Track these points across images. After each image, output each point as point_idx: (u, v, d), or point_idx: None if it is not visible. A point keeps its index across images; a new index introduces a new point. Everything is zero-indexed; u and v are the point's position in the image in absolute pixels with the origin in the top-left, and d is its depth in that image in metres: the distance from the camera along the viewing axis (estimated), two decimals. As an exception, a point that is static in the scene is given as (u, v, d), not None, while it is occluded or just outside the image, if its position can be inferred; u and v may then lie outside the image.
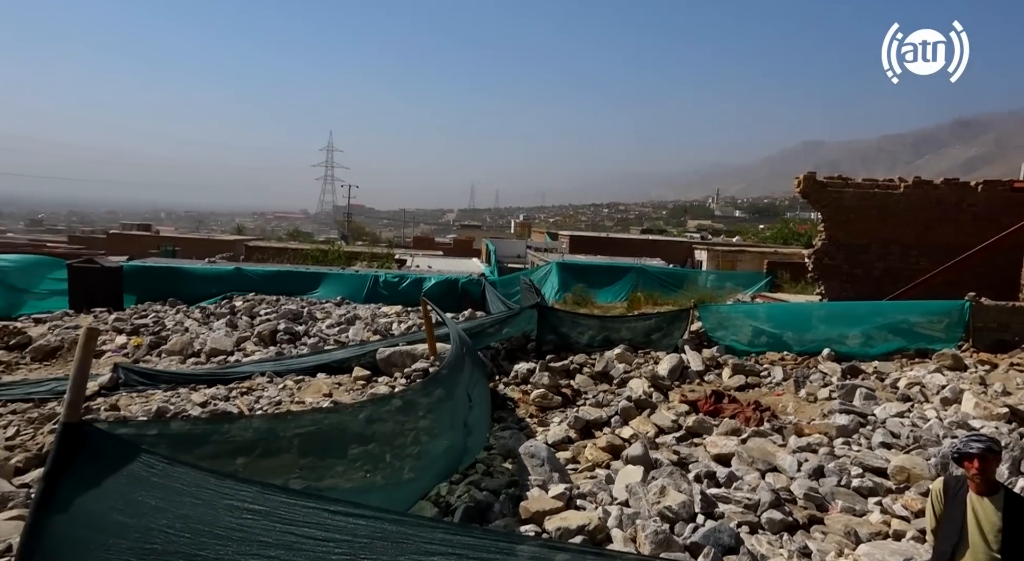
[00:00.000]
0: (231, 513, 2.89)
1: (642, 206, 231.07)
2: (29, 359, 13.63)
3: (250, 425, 5.14)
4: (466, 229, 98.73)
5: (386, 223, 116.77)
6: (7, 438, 7.95)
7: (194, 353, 14.00)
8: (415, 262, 35.23)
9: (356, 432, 5.50)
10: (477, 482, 6.14)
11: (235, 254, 37.88)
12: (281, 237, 66.30)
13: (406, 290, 21.83)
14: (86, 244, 49.74)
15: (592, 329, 12.17)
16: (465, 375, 7.04)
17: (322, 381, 10.62)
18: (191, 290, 21.06)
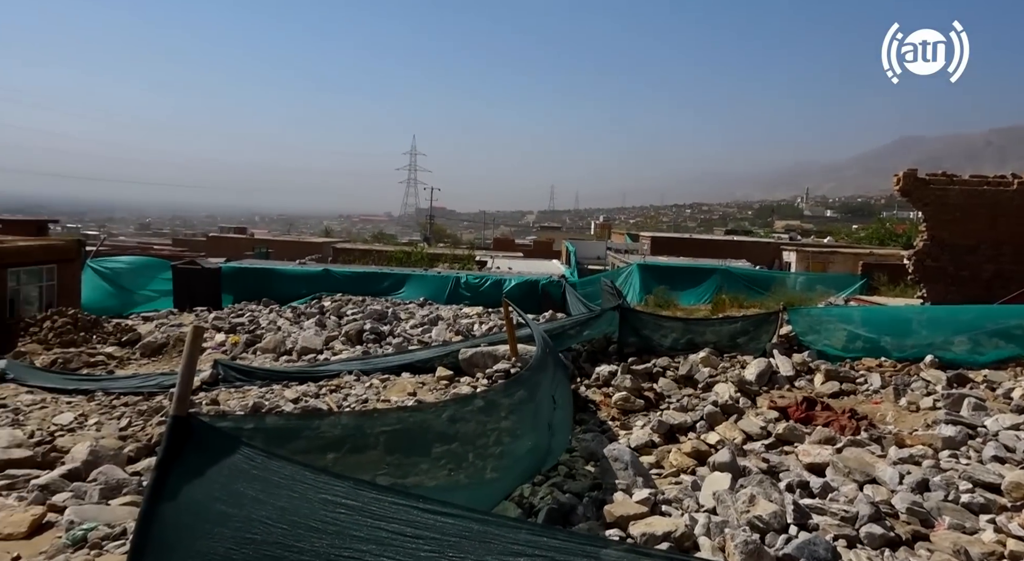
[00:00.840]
0: (325, 507, 2.97)
1: (726, 206, 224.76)
2: (139, 355, 14.56)
3: (339, 422, 5.30)
4: (546, 231, 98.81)
5: (467, 225, 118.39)
6: (120, 429, 8.51)
7: (286, 351, 14.60)
8: (495, 264, 35.57)
9: (440, 431, 5.57)
10: (560, 484, 6.11)
11: (323, 256, 39.32)
12: (366, 239, 68.29)
13: (487, 291, 22.08)
14: (188, 246, 52.77)
15: (675, 332, 11.92)
16: (549, 376, 7.02)
17: (406, 380, 10.84)
18: (283, 290, 22.02)
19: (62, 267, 20.52)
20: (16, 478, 6.55)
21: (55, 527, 5.42)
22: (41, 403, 9.74)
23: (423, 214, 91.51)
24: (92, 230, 69.44)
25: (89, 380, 11.18)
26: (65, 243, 22.39)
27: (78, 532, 5.12)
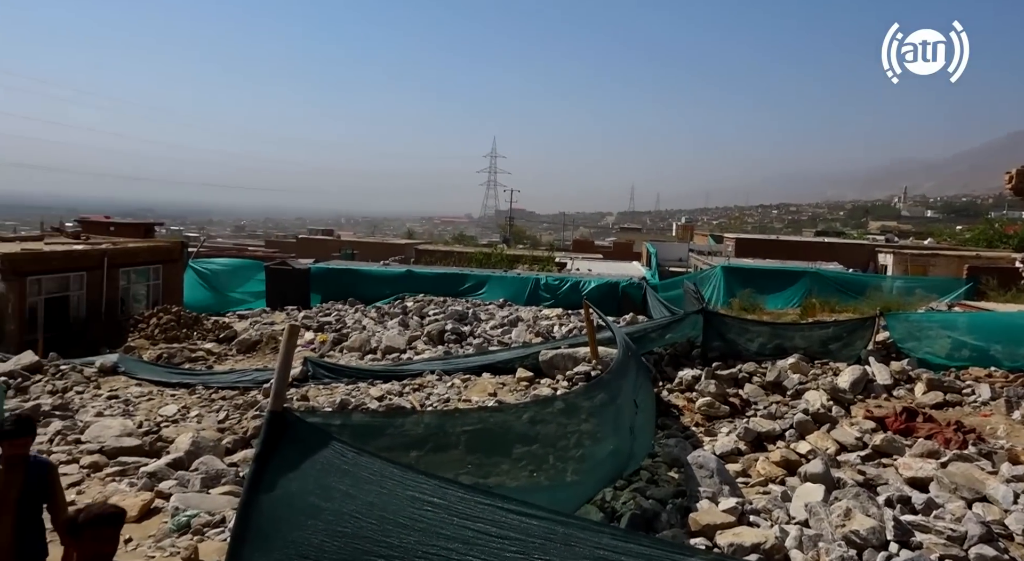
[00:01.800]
0: (413, 504, 3.03)
1: (816, 207, 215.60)
2: (235, 351, 15.31)
3: (422, 420, 5.39)
4: (625, 232, 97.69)
5: (546, 226, 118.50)
6: (219, 421, 8.97)
7: (371, 350, 15.01)
8: (575, 265, 35.39)
9: (520, 432, 5.58)
10: (642, 490, 6.02)
11: (406, 257, 40.22)
12: (447, 241, 69.37)
13: (566, 293, 22.01)
14: (279, 248, 55.09)
15: (762, 336, 11.52)
16: (631, 380, 6.93)
17: (487, 381, 10.94)
18: (368, 290, 22.65)
19: (167, 267, 21.86)
20: (127, 465, 7.02)
21: (161, 512, 5.77)
22: (148, 395, 10.39)
23: (503, 216, 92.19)
24: (193, 232, 73.62)
25: (191, 374, 11.83)
26: (170, 245, 23.85)
27: (182, 518, 5.43)
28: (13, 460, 3.85)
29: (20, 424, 3.92)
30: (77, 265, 18.40)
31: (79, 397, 10.16)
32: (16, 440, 3.83)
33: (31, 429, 3.99)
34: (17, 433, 3.84)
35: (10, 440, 3.82)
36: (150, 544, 5.17)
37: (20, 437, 3.85)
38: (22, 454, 3.88)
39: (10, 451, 3.84)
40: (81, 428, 8.31)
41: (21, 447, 3.87)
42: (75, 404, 9.69)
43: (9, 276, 15.35)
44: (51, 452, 7.52)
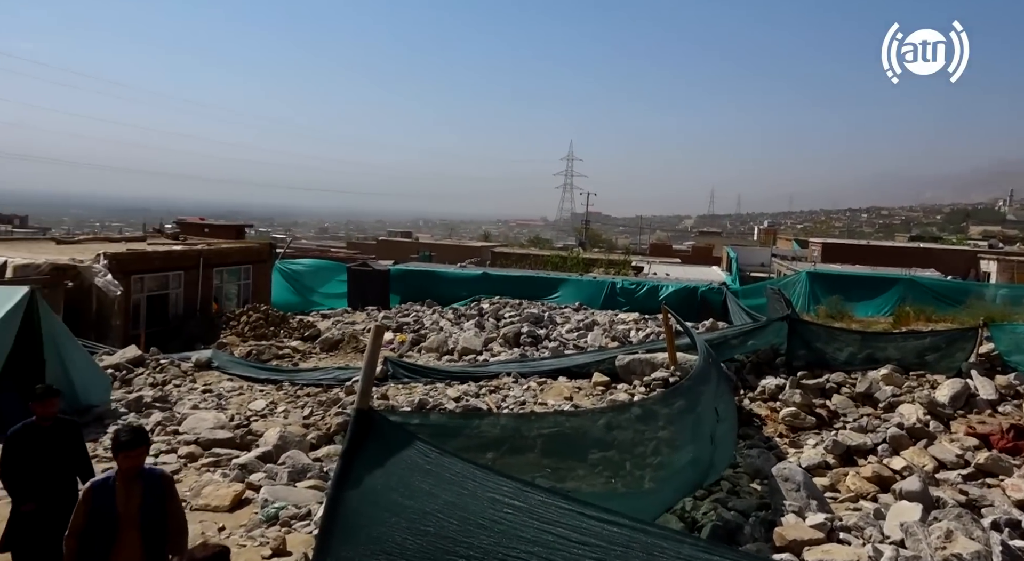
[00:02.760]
0: (493, 506, 3.04)
1: (910, 210, 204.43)
2: (319, 349, 15.83)
3: (498, 422, 5.41)
4: (704, 236, 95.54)
5: (622, 230, 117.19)
6: (304, 417, 9.30)
7: (448, 351, 15.23)
8: (652, 269, 34.87)
9: (596, 437, 5.53)
10: (724, 501, 5.86)
11: (482, 259, 40.60)
12: (523, 243, 69.66)
13: (642, 297, 21.72)
14: (360, 249, 56.68)
15: (852, 345, 11.01)
16: (711, 387, 6.76)
17: (563, 384, 10.91)
18: (445, 292, 23.01)
19: (256, 267, 22.85)
20: (220, 456, 7.38)
21: (252, 503, 6.02)
22: (239, 390, 10.88)
23: (579, 219, 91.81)
24: (280, 234, 76.69)
25: (278, 371, 12.31)
26: (259, 246, 24.93)
27: (271, 510, 5.66)
28: (130, 472, 3.83)
29: (136, 435, 3.90)
30: (176, 265, 19.47)
31: (177, 390, 10.74)
32: (132, 451, 3.81)
33: (146, 440, 4.00)
34: (134, 444, 3.82)
35: (126, 452, 3.80)
36: (242, 533, 5.42)
37: (136, 448, 3.83)
38: (139, 466, 3.88)
39: (126, 463, 3.81)
40: (179, 420, 8.78)
41: (138, 458, 3.86)
42: (173, 397, 10.26)
43: (116, 275, 16.41)
44: (152, 441, 7.98)
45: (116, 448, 3.82)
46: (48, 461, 4.49)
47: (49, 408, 4.57)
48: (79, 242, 22.71)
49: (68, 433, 4.67)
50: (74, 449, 4.63)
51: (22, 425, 4.62)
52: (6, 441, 4.57)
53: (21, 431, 4.56)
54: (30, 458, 4.46)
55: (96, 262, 16.40)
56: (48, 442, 4.52)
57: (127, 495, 3.79)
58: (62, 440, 4.59)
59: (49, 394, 4.65)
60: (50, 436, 4.54)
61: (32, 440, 4.51)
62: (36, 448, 4.50)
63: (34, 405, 4.58)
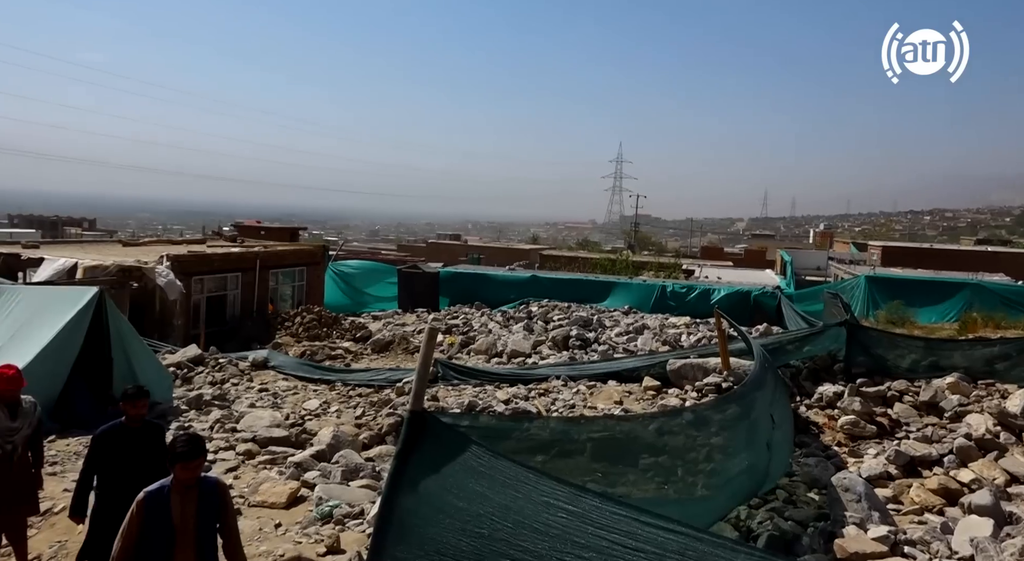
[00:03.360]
0: (548, 510, 3.04)
1: (976, 212, 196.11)
2: (370, 350, 16.08)
3: (547, 425, 5.39)
4: (757, 239, 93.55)
5: (672, 233, 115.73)
6: (356, 417, 9.45)
7: (497, 353, 15.28)
8: (703, 273, 34.34)
9: (647, 442, 5.46)
10: (780, 510, 5.71)
11: (530, 262, 40.63)
12: (571, 246, 69.47)
13: (694, 301, 21.41)
14: (410, 252, 57.42)
15: (914, 353, 10.61)
16: (767, 393, 6.61)
17: (613, 388, 10.82)
18: (493, 294, 23.10)
19: (310, 269, 23.37)
20: (276, 454, 7.55)
21: (307, 501, 6.15)
22: (294, 389, 11.12)
23: (628, 221, 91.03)
24: (332, 237, 78.25)
25: (331, 371, 12.54)
26: (313, 248, 25.48)
27: (325, 508, 5.76)
28: (188, 483, 3.66)
29: (194, 445, 3.71)
30: (234, 266, 20.06)
31: (234, 388, 11.05)
32: (190, 463, 3.63)
33: (204, 450, 3.84)
34: (192, 455, 3.65)
35: (184, 463, 3.62)
36: (297, 530, 5.53)
37: (195, 459, 3.67)
38: (196, 476, 3.71)
39: (184, 474, 3.63)
40: (236, 417, 9.02)
41: (196, 469, 3.69)
42: (231, 395, 10.55)
43: (177, 276, 17.00)
44: (211, 439, 8.23)
45: (173, 458, 3.63)
46: (133, 463, 4.41)
47: (140, 409, 4.56)
48: (144, 244, 23.62)
49: (154, 436, 4.62)
50: (159, 452, 4.44)
51: (110, 425, 4.59)
52: (94, 440, 4.53)
53: (109, 431, 4.53)
54: (116, 459, 4.43)
55: (159, 264, 17.03)
56: (135, 443, 4.48)
57: (182, 505, 3.63)
58: (148, 442, 4.53)
59: (140, 395, 4.59)
60: (137, 438, 4.51)
61: (120, 441, 4.47)
62: (123, 449, 4.45)
63: (125, 405, 4.56)
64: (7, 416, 4.70)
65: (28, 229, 56.49)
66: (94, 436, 4.54)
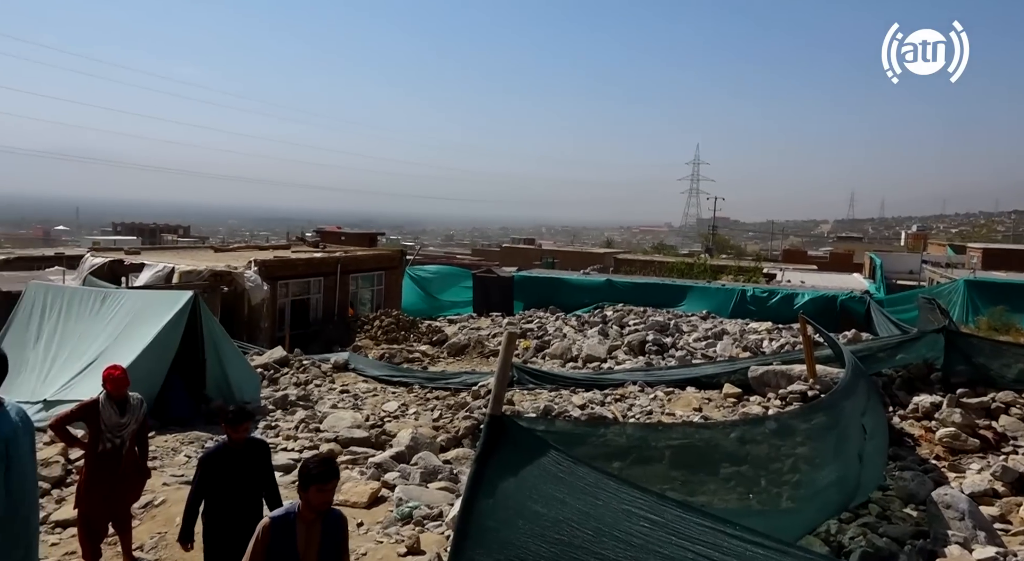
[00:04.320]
0: (629, 518, 2.98)
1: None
2: (446, 353, 16.30)
3: (624, 431, 5.30)
4: (844, 241, 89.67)
5: (752, 236, 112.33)
6: (433, 420, 9.59)
7: (572, 358, 15.20)
8: (785, 276, 33.18)
9: (728, 451, 5.30)
10: (873, 525, 5.43)
11: (605, 266, 40.28)
12: (646, 250, 68.49)
13: (776, 306, 20.69)
14: (484, 256, 57.87)
15: (1022, 362, 9.92)
16: (859, 402, 6.31)
17: (691, 395, 10.58)
18: (568, 298, 23.00)
19: (388, 274, 23.91)
20: (357, 455, 7.75)
21: (387, 501, 6.27)
22: (373, 391, 11.39)
23: (705, 224, 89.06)
24: (408, 241, 79.91)
25: (408, 374, 12.78)
26: (391, 253, 26.06)
27: (405, 509, 5.86)
28: (322, 508, 3.42)
29: (328, 466, 3.43)
30: (316, 271, 20.75)
31: (317, 389, 11.41)
32: (326, 484, 3.37)
33: (337, 471, 3.54)
34: (327, 476, 3.38)
35: (320, 484, 3.34)
36: (378, 530, 5.64)
37: (330, 481, 3.41)
38: (331, 500, 3.47)
39: (319, 498, 3.37)
40: (320, 418, 9.31)
41: (330, 492, 3.43)
42: (314, 396, 10.90)
43: (264, 280, 17.74)
44: (296, 438, 8.52)
45: (307, 481, 3.35)
46: (241, 482, 4.40)
47: (242, 433, 4.44)
48: (233, 250, 24.76)
49: (259, 453, 4.56)
50: (263, 470, 4.53)
51: (215, 447, 4.58)
52: (200, 463, 4.47)
53: (214, 454, 4.49)
54: (223, 480, 4.38)
55: (248, 268, 17.80)
56: (241, 463, 4.42)
57: (308, 534, 3.41)
58: (253, 461, 4.49)
59: (241, 418, 4.44)
60: (242, 457, 4.44)
61: (226, 462, 4.41)
62: (229, 470, 4.40)
63: (227, 429, 4.46)
64: (116, 412, 4.99)
65: (129, 236, 60.28)
66: (200, 460, 4.52)
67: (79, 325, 9.71)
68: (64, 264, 21.49)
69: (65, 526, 5.75)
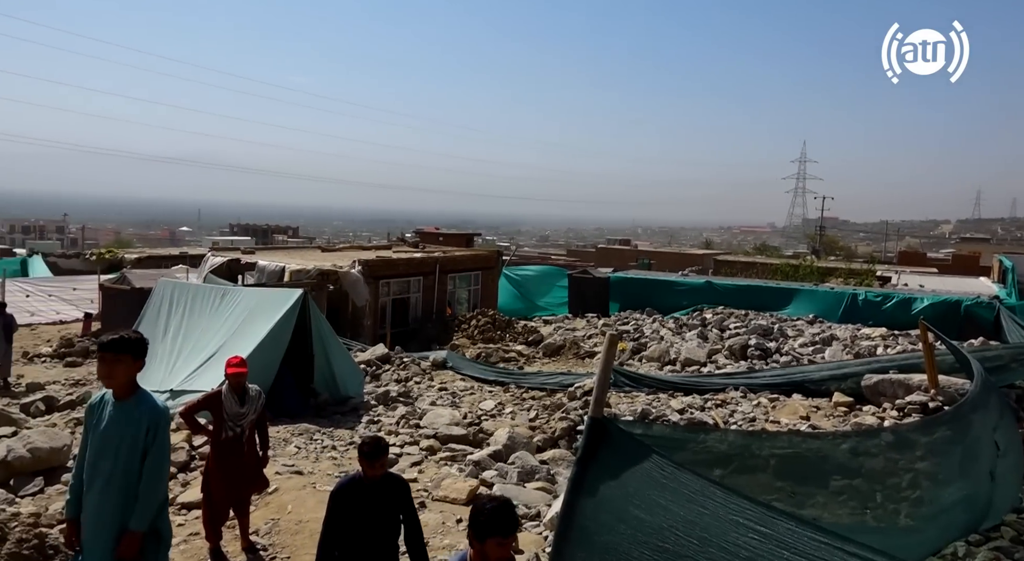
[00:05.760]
0: (737, 529, 2.88)
1: None
2: (541, 354, 16.34)
3: (725, 438, 5.12)
4: (968, 242, 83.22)
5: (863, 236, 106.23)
6: (529, 420, 9.63)
7: (670, 361, 14.88)
8: (901, 280, 31.19)
9: (839, 462, 5.02)
10: (1007, 550, 5.03)
11: (703, 267, 39.23)
12: (748, 251, 66.15)
13: (891, 311, 19.46)
14: (580, 257, 57.66)
15: None
16: (990, 416, 5.83)
17: (798, 402, 10.15)
18: (665, 300, 22.54)
19: (485, 274, 24.24)
20: (456, 452, 7.89)
21: (485, 498, 6.34)
22: (470, 390, 11.58)
23: (811, 225, 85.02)
24: (504, 242, 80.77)
25: (505, 373, 12.91)
26: (488, 253, 26.43)
27: (503, 506, 5.91)
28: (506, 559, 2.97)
29: (508, 514, 2.94)
30: (416, 271, 21.32)
31: (417, 387, 11.72)
32: (507, 538, 2.90)
33: (518, 520, 3.40)
34: (511, 527, 2.97)
35: (502, 538, 2.87)
36: (477, 526, 5.72)
37: (513, 531, 3.02)
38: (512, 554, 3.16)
39: (499, 552, 2.88)
40: (419, 414, 9.56)
41: (512, 541, 3.11)
42: (414, 393, 11.20)
43: (367, 279, 18.40)
44: (398, 433, 8.77)
45: (483, 530, 2.86)
46: (375, 522, 4.01)
47: (378, 470, 3.99)
48: (339, 250, 25.83)
49: (397, 491, 4.09)
50: (402, 510, 4.07)
51: (348, 480, 4.14)
52: (332, 497, 4.08)
53: (347, 487, 4.07)
54: (356, 517, 4.00)
55: (352, 268, 18.52)
56: (376, 500, 4.00)
57: None
58: (390, 498, 4.04)
59: (378, 453, 3.98)
60: (378, 493, 4.00)
61: (359, 497, 4.00)
62: (363, 506, 3.99)
63: (362, 463, 4.01)
64: (237, 402, 5.31)
65: (244, 237, 64.12)
66: (332, 493, 4.11)
67: (201, 320, 10.41)
68: (187, 263, 23.11)
69: (190, 508, 6.15)
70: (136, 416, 3.47)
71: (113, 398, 3.51)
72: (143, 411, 3.49)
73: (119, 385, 3.47)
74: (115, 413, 3.47)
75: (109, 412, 3.49)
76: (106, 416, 3.48)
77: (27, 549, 4.02)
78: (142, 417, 3.47)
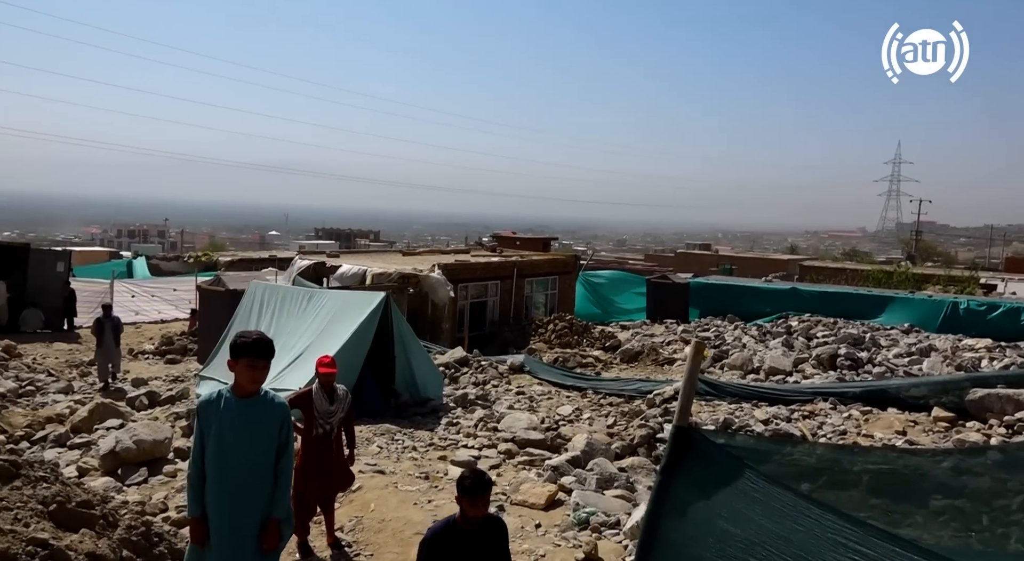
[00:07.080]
0: (835, 549, 2.75)
1: None
2: (619, 359, 16.16)
3: (813, 451, 4.90)
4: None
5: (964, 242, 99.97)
6: (607, 426, 9.52)
7: (753, 369, 14.43)
8: (1008, 288, 29.18)
9: (940, 481, 4.70)
10: None
11: (788, 273, 37.84)
12: (836, 257, 63.39)
13: (997, 321, 18.25)
14: (658, 262, 56.66)
15: None
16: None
17: (893, 416, 9.65)
18: (747, 307, 21.92)
19: (562, 278, 24.20)
20: (534, 456, 7.88)
21: (564, 505, 6.31)
22: (548, 394, 11.56)
23: (906, 229, 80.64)
24: (580, 246, 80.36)
25: (582, 378, 12.83)
26: (565, 258, 26.37)
27: (582, 514, 5.86)
28: None
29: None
30: (494, 275, 21.50)
31: (494, 390, 11.79)
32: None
33: None
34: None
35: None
36: (556, 532, 5.70)
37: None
38: None
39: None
40: (497, 418, 9.60)
41: None
42: (492, 396, 11.27)
43: (447, 282, 18.70)
44: (476, 435, 8.84)
45: None
46: None
47: (481, 509, 3.56)
48: (418, 254, 26.35)
49: (495, 535, 3.70)
50: (498, 553, 3.71)
51: (443, 525, 3.69)
52: (426, 545, 3.64)
53: (442, 533, 3.64)
54: None
55: (432, 271, 18.85)
56: (474, 548, 3.60)
57: None
58: (489, 545, 3.65)
59: (481, 489, 3.51)
60: (476, 540, 3.61)
61: (456, 546, 3.60)
62: (459, 551, 3.59)
63: (463, 501, 3.53)
64: (327, 400, 5.48)
65: (329, 240, 66.40)
66: (424, 540, 3.65)
67: (290, 321, 10.81)
68: (276, 265, 24.11)
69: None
70: (268, 413, 3.64)
71: (234, 396, 3.63)
72: (274, 408, 3.67)
73: (258, 386, 3.64)
74: (243, 410, 3.60)
75: (234, 409, 3.60)
76: (232, 413, 3.60)
77: (135, 535, 4.27)
78: (274, 413, 3.65)
